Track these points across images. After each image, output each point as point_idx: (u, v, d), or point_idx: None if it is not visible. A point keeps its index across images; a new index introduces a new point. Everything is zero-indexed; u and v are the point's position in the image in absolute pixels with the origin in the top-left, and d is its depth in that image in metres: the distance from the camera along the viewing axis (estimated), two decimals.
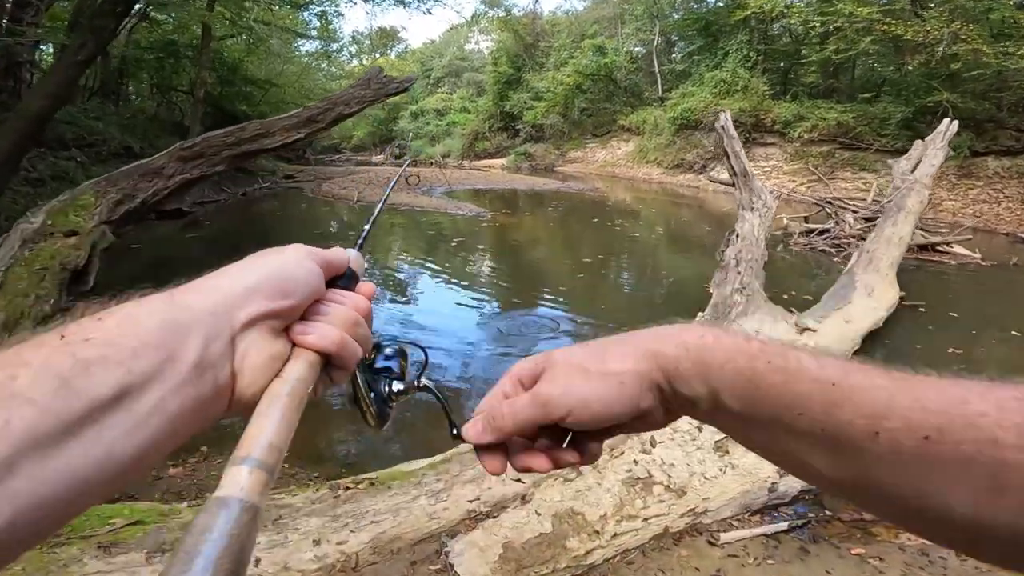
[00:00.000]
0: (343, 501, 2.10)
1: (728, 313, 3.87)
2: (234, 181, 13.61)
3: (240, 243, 5.14)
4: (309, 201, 14.04)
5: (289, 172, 17.88)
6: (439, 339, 4.90)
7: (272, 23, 17.26)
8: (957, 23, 12.41)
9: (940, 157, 6.26)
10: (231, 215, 12.05)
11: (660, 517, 2.21)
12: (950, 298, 5.82)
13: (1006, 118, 12.68)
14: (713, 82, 19.28)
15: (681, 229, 11.57)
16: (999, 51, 11.68)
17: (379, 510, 2.04)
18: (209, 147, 5.06)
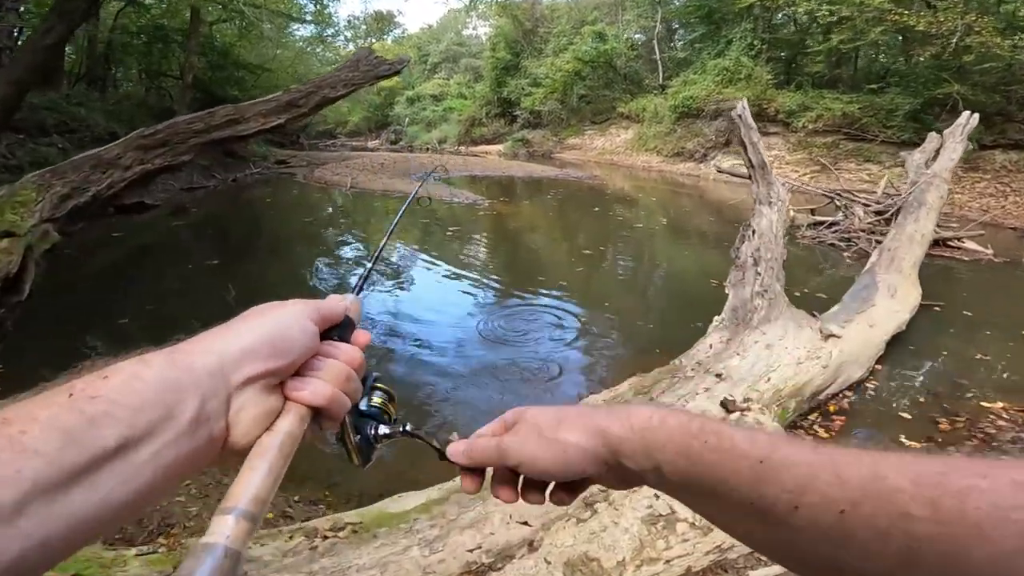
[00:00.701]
0: (321, 554, 1.82)
1: (749, 319, 3.65)
2: (224, 167, 13.34)
3: (228, 230, 4.88)
4: (301, 187, 13.76)
5: (282, 157, 17.52)
6: (434, 332, 4.72)
7: (264, 7, 16.75)
8: (972, 15, 12.26)
9: (959, 151, 6.03)
10: (220, 202, 11.76)
11: (684, 557, 1.98)
12: (965, 296, 5.64)
13: (1015, 111, 12.58)
14: (716, 70, 18.96)
15: (682, 219, 11.35)
16: (1011, 44, 11.57)
17: (364, 565, 1.77)
18: (174, 134, 4.60)
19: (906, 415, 3.43)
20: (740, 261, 4.29)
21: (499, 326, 4.88)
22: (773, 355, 3.22)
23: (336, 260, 7.64)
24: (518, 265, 7.53)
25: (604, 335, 4.87)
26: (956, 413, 3.38)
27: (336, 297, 0.50)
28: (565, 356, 4.35)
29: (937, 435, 3.17)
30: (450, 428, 3.21)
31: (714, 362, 3.19)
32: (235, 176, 13.74)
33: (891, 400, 3.61)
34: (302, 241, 8.51)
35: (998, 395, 3.57)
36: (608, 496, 2.13)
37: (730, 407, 2.74)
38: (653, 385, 3.07)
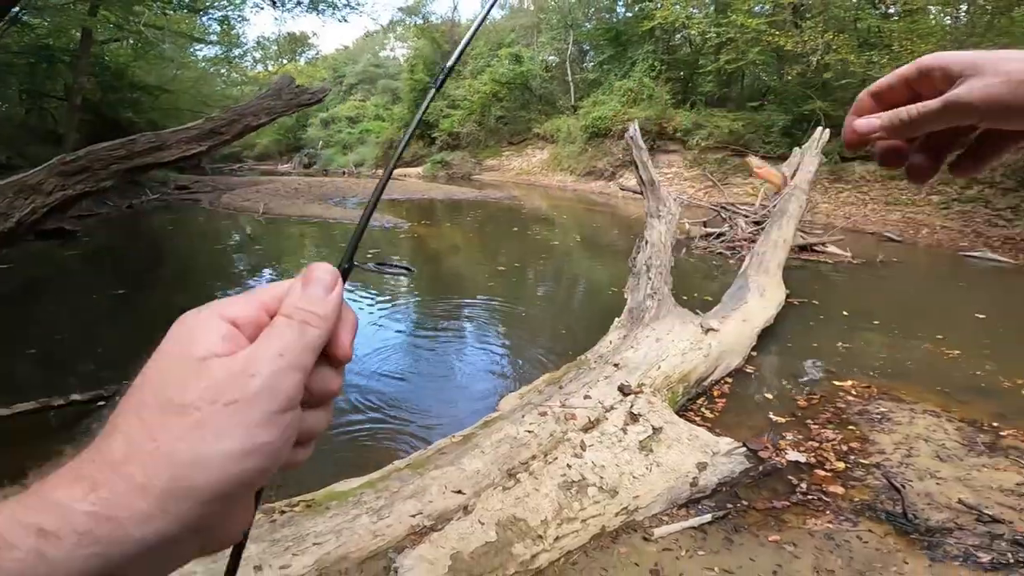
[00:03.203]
0: (281, 525, 2.03)
1: (642, 318, 4.12)
2: (118, 193, 12.52)
3: (130, 259, 4.87)
4: (207, 214, 13.16)
5: (183, 183, 16.68)
6: (357, 351, 4.83)
7: (165, 27, 16.05)
8: (830, 33, 13.39)
9: (815, 164, 6.99)
10: (116, 230, 11.05)
11: (597, 517, 2.33)
12: (829, 294, 6.51)
13: None
14: (621, 91, 19.99)
15: (595, 235, 12.03)
16: (865, 60, 12.71)
17: (320, 532, 2.00)
18: (95, 160, 4.57)
19: (775, 395, 3.97)
20: (636, 269, 4.79)
21: (423, 340, 5.13)
22: (662, 347, 3.67)
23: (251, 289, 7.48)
24: (440, 283, 7.75)
25: (522, 341, 5.22)
26: (814, 392, 3.93)
27: (322, 267, 0.36)
28: (487, 361, 4.68)
29: (798, 411, 3.67)
30: (391, 432, 3.40)
31: (613, 355, 3.60)
32: (131, 203, 12.96)
33: (764, 383, 4.15)
34: (212, 270, 8.24)
35: (849, 375, 4.17)
36: (528, 468, 2.46)
37: (626, 391, 3.14)
38: (563, 376, 3.43)
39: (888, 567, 2.16)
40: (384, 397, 3.90)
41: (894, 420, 3.45)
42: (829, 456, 3.08)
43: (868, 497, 2.67)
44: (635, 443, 2.78)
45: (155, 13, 15.55)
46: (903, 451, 3.08)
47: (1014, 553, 2.23)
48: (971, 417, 3.49)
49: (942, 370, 4.36)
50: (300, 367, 0.31)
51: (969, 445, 3.13)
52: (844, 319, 5.59)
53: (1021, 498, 2.61)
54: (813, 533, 2.38)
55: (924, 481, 2.78)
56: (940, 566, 2.17)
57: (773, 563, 2.18)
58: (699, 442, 2.91)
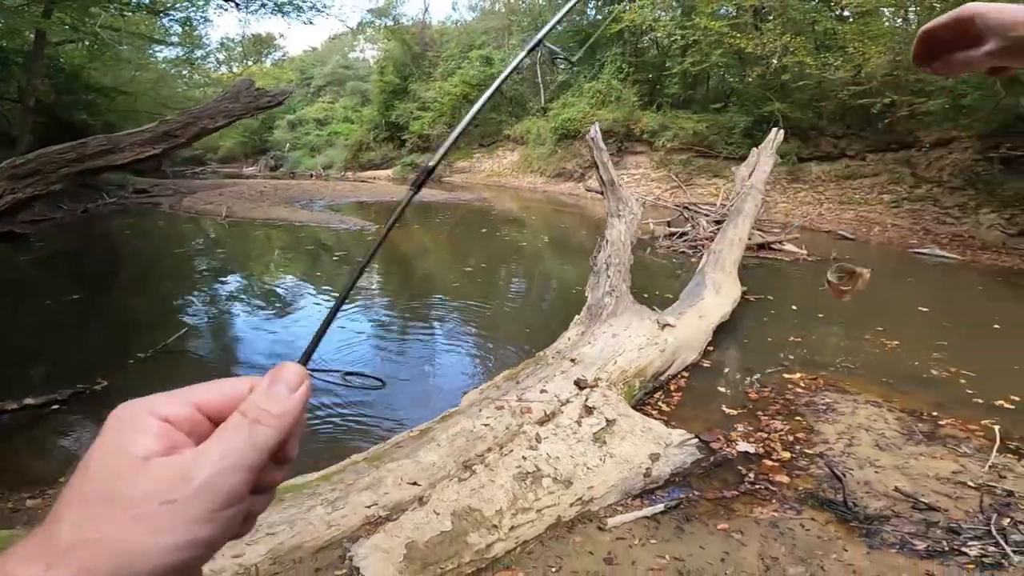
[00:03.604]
0: None
1: (600, 314, 4.20)
2: (73, 197, 12.12)
3: (87, 264, 4.75)
4: (168, 218, 12.83)
5: (142, 186, 16.23)
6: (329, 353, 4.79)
7: (122, 29, 15.60)
8: (788, 36, 13.67)
9: (770, 164, 7.21)
10: (71, 234, 10.70)
11: (552, 507, 2.38)
12: (784, 291, 6.72)
13: (826, 126, 14.25)
14: (590, 93, 20.13)
15: (563, 236, 12.15)
16: (821, 62, 13.00)
17: (273, 522, 2.01)
18: (46, 163, 4.50)
19: (729, 389, 4.09)
20: (596, 268, 4.87)
21: (391, 340, 5.17)
22: (618, 343, 3.75)
23: (213, 293, 7.35)
24: (408, 285, 7.74)
25: (489, 340, 5.27)
26: (765, 385, 4.05)
27: (290, 367, 0.37)
28: (454, 361, 4.74)
29: (749, 403, 3.78)
30: (356, 431, 3.41)
31: (570, 351, 3.66)
32: (86, 206, 12.57)
33: (718, 377, 4.26)
34: (172, 274, 8.06)
35: (798, 368, 4.32)
36: (484, 460, 2.50)
37: (582, 385, 3.21)
38: (520, 371, 3.48)
39: (828, 554, 2.24)
40: (350, 396, 3.90)
41: (838, 411, 3.58)
42: (776, 446, 3.18)
43: (811, 486, 2.77)
44: (589, 435, 2.84)
45: (112, 15, 15.11)
46: (845, 440, 3.20)
47: (948, 541, 2.31)
48: (911, 407, 3.64)
49: (885, 362, 4.55)
50: (244, 467, 0.32)
51: (908, 434, 3.26)
52: (797, 314, 5.79)
53: (956, 486, 2.72)
54: (759, 521, 2.47)
55: (864, 470, 2.89)
56: (878, 553, 2.25)
57: (721, 551, 2.26)
58: (652, 434, 2.98)
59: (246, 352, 4.83)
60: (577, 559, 2.19)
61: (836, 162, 13.87)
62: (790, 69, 13.88)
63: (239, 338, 5.26)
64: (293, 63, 42.32)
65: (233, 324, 5.70)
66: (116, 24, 15.35)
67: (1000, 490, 2.67)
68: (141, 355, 4.39)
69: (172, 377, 4.39)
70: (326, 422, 3.59)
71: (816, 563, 2.18)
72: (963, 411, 3.60)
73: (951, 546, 2.27)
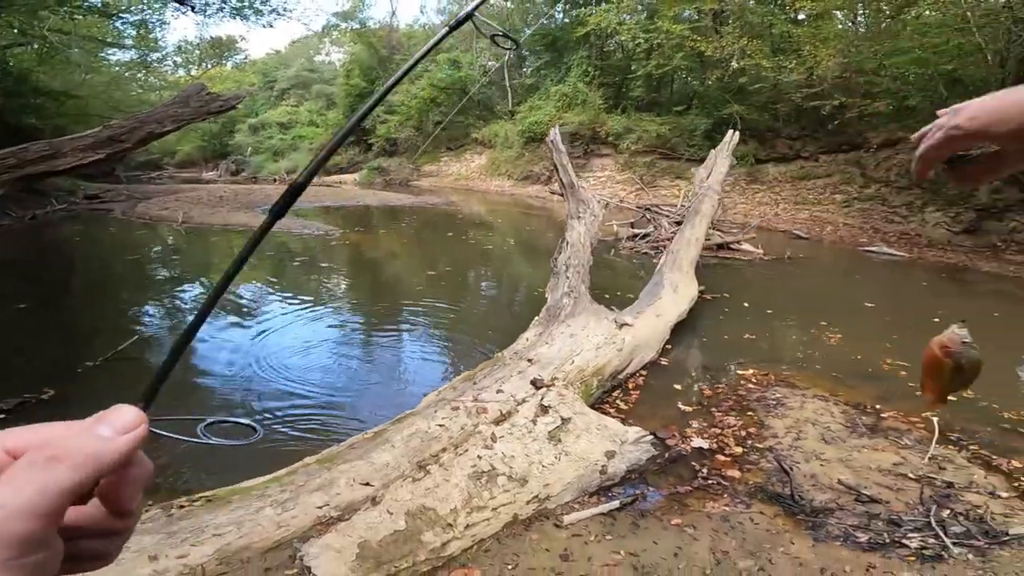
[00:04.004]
0: (178, 519, 2.02)
1: (559, 315, 4.24)
2: (19, 203, 11.63)
3: (34, 272, 4.59)
4: (121, 224, 12.37)
5: (93, 192, 15.63)
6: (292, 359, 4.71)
7: (72, 32, 15.07)
8: (745, 39, 13.96)
9: (726, 165, 7.40)
10: (17, 242, 10.23)
11: (508, 506, 2.39)
12: (741, 289, 6.88)
13: (782, 127, 14.69)
14: (557, 96, 20.28)
15: (530, 239, 12.21)
16: (776, 65, 13.32)
17: (221, 523, 1.99)
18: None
19: (685, 386, 4.16)
20: (556, 269, 4.92)
21: (354, 345, 5.13)
22: (576, 342, 3.79)
23: (168, 301, 7.13)
24: (373, 289, 7.66)
25: (453, 344, 5.27)
26: (719, 381, 4.15)
27: (125, 409, 0.35)
28: (418, 364, 4.73)
29: (704, 400, 3.86)
30: (319, 439, 3.34)
31: (528, 351, 3.68)
32: (34, 213, 12.07)
33: (675, 375, 4.33)
34: (125, 282, 7.77)
35: (751, 364, 4.42)
36: (439, 460, 2.49)
37: (538, 384, 3.23)
38: (477, 373, 3.48)
39: (776, 547, 2.29)
40: (313, 403, 3.86)
41: (787, 405, 3.69)
42: (729, 441, 3.25)
43: (761, 480, 2.84)
44: (544, 434, 2.86)
45: (62, 18, 14.58)
46: (793, 435, 3.29)
47: (890, 533, 2.38)
48: (856, 400, 3.77)
49: (832, 357, 4.70)
50: (34, 513, 0.29)
51: (852, 427, 3.37)
52: (752, 312, 5.94)
53: (897, 478, 2.81)
54: (711, 516, 2.52)
55: (810, 463, 2.97)
56: (823, 546, 2.31)
57: (674, 545, 2.31)
58: (608, 431, 3.01)
59: (202, 360, 4.70)
60: (534, 556, 2.21)
61: (791, 163, 14.30)
62: (748, 72, 14.19)
63: (194, 346, 5.11)
64: (255, 66, 41.36)
65: None
66: (66, 27, 14.84)
67: (940, 482, 2.76)
68: (90, 364, 4.26)
69: (122, 385, 4.27)
70: (279, 427, 3.52)
71: (765, 556, 2.24)
72: (905, 404, 3.73)
73: (892, 538, 2.34)
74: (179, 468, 3.09)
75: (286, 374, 4.33)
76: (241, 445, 1.80)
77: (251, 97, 34.52)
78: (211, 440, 0.47)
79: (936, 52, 10.24)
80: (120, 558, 1.33)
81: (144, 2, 17.86)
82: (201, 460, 3.12)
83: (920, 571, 2.15)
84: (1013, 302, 6.83)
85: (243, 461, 3.08)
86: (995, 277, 8.05)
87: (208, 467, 3.04)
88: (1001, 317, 6.20)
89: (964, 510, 2.53)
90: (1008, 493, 2.70)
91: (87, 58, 18.79)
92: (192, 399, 3.87)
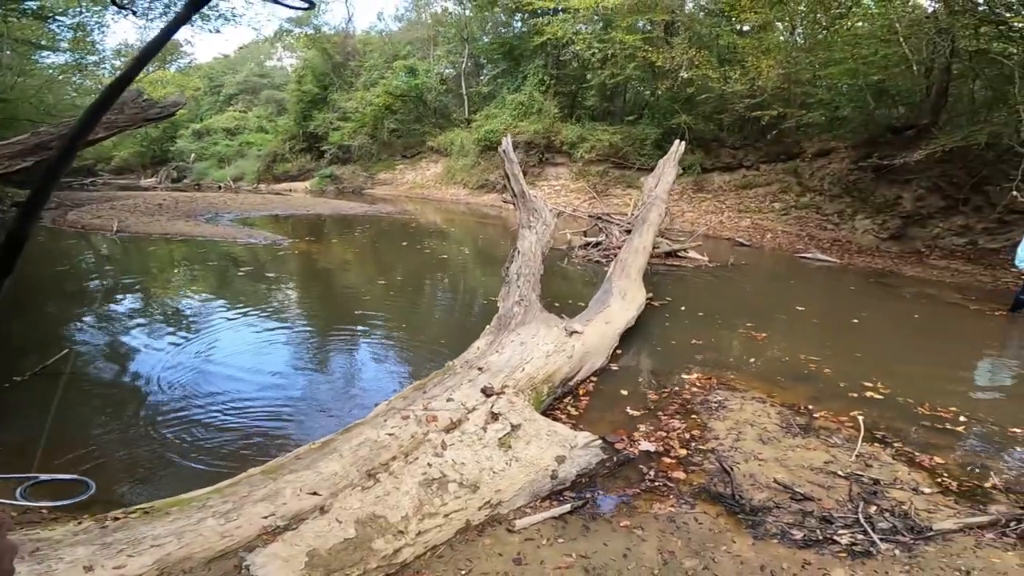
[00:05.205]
0: (113, 530, 1.94)
1: (509, 324, 4.28)
2: None
3: None
4: (50, 232, 11.62)
5: (21, 199, 14.67)
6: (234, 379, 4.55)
7: (5, 34, 14.19)
8: (693, 50, 14.40)
9: (672, 175, 7.67)
10: None
11: (460, 512, 2.41)
12: (687, 296, 7.10)
13: (726, 137, 15.19)
14: (513, 104, 20.34)
15: (485, 248, 12.22)
16: (722, 75, 13.73)
17: (159, 535, 1.93)
18: None
19: (633, 391, 4.24)
20: (508, 278, 4.97)
21: (308, 357, 5.07)
22: (526, 350, 3.84)
23: (101, 313, 6.76)
24: (325, 300, 7.50)
25: (405, 352, 5.24)
26: (664, 386, 4.27)
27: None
28: (369, 374, 4.69)
29: (651, 404, 3.97)
30: (267, 449, 3.23)
31: (478, 360, 3.71)
32: None
33: (623, 380, 4.42)
34: (55, 293, 7.33)
35: (695, 369, 4.59)
36: (389, 468, 2.50)
37: (488, 392, 3.25)
38: (427, 382, 3.47)
39: (719, 546, 2.39)
40: (258, 415, 3.77)
41: (728, 407, 3.84)
42: (674, 444, 3.36)
43: (704, 480, 2.95)
44: (495, 441, 2.89)
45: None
46: (734, 436, 3.43)
47: (822, 530, 2.49)
48: (790, 401, 3.96)
49: (769, 359, 4.94)
50: None
51: (787, 428, 3.54)
52: (697, 318, 6.16)
53: (828, 476, 2.96)
54: (658, 517, 2.61)
55: (749, 463, 3.10)
56: (761, 544, 2.41)
57: (624, 547, 2.37)
58: (558, 437, 3.07)
59: (137, 372, 4.49)
60: (487, 561, 2.23)
61: (735, 172, 14.90)
62: (696, 82, 14.60)
63: (129, 357, 4.88)
64: (201, 70, 39.85)
65: (123, 344, 5.28)
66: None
67: (867, 479, 2.92)
68: (18, 379, 4.06)
69: (52, 400, 4.03)
70: (220, 442, 3.41)
71: (708, 555, 2.32)
72: (835, 403, 3.96)
73: (824, 535, 2.45)
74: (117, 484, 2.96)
75: (228, 387, 4.19)
76: (68, 505, 1.74)
77: (195, 102, 33.26)
78: (29, 503, 0.45)
79: (865, 63, 10.79)
80: (53, 569, 1.29)
81: (82, 5, 16.98)
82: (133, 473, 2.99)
83: (851, 567, 2.25)
84: (933, 304, 7.33)
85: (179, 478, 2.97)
86: (918, 281, 8.62)
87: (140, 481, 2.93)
88: (921, 319, 6.66)
89: (890, 506, 2.68)
90: (931, 489, 2.88)
91: (18, 60, 17.73)
92: (134, 421, 3.70)
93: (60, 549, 1.82)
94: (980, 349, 5.69)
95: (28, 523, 2.23)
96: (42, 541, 1.88)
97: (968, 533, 2.49)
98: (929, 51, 10.32)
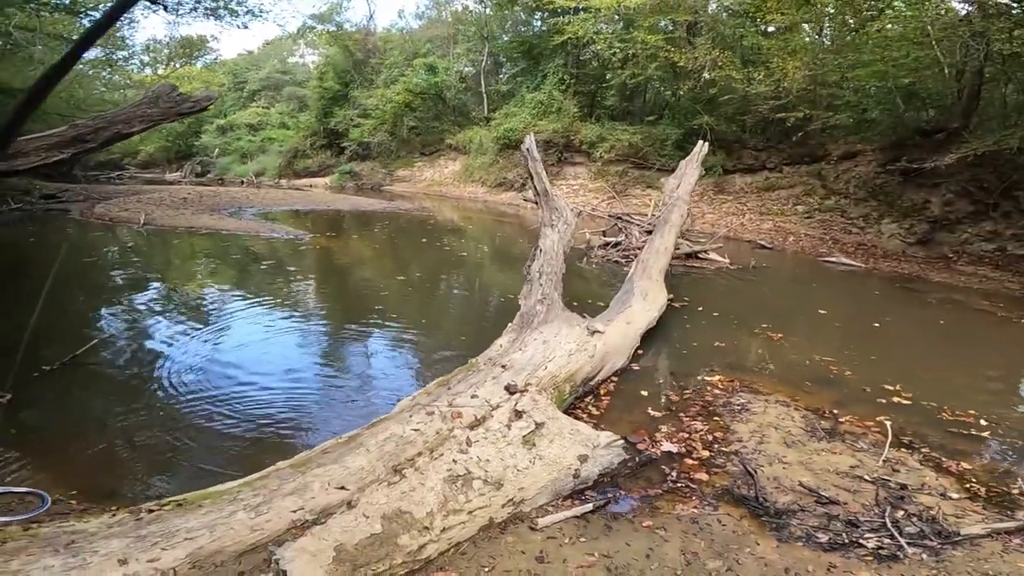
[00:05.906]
0: (147, 523, 1.99)
1: (531, 322, 4.29)
2: None
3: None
4: (79, 225, 11.98)
5: (50, 191, 15.11)
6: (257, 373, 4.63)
7: (38, 29, 14.54)
8: (717, 50, 14.28)
9: (695, 176, 7.61)
10: None
11: (484, 509, 2.42)
12: (708, 297, 7.05)
13: (748, 139, 15.03)
14: (532, 103, 20.35)
15: (503, 246, 12.24)
16: (746, 76, 13.60)
17: (192, 527, 1.97)
18: None
19: (655, 391, 4.23)
20: (530, 276, 4.98)
21: (329, 352, 5.12)
22: (549, 349, 3.85)
23: (128, 304, 6.91)
24: (345, 296, 7.58)
25: (426, 349, 5.26)
26: (686, 387, 4.25)
27: None
28: (390, 370, 4.71)
29: (673, 405, 3.96)
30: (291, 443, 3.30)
31: (501, 357, 3.73)
32: None
33: (644, 381, 4.42)
34: (84, 285, 7.51)
35: (717, 371, 4.56)
36: (414, 464, 2.52)
37: (512, 390, 3.27)
38: (451, 378, 3.50)
39: (743, 548, 2.38)
40: (284, 409, 3.82)
41: (751, 410, 3.82)
42: (697, 445, 3.35)
43: (727, 482, 2.93)
44: (519, 438, 2.90)
45: (28, 15, 14.07)
46: (757, 438, 3.41)
47: (848, 533, 2.48)
48: (814, 405, 3.92)
49: (792, 363, 4.88)
50: None
51: (811, 431, 3.51)
52: (718, 320, 6.11)
53: (854, 480, 2.93)
54: (681, 518, 2.60)
55: (773, 466, 3.08)
56: (786, 546, 2.40)
57: (646, 547, 2.37)
58: (580, 436, 3.07)
59: (162, 364, 4.59)
60: (509, 559, 2.24)
61: (757, 174, 14.72)
62: (718, 83, 14.48)
63: (155, 350, 4.98)
64: (225, 66, 40.46)
65: (149, 335, 5.40)
66: (31, 25, 14.31)
67: (894, 483, 2.90)
68: (47, 368, 4.16)
69: (81, 390, 4.13)
70: (248, 434, 3.47)
71: (732, 557, 2.31)
72: (860, 408, 3.91)
73: (850, 538, 2.44)
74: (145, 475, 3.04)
75: (254, 380, 4.27)
76: (20, 521, 1.76)
77: (220, 98, 33.81)
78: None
79: (895, 65, 10.60)
80: (88, 562, 1.33)
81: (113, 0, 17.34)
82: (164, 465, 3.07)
83: (877, 571, 2.24)
84: (959, 310, 7.18)
85: (211, 467, 3.04)
86: (945, 287, 8.44)
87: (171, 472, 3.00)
88: (947, 324, 6.53)
89: (917, 511, 2.65)
90: (958, 494, 2.84)
91: (50, 55, 18.16)
92: (160, 412, 3.79)
93: (95, 542, 1.87)
94: (1007, 356, 5.56)
95: (60, 514, 2.30)
96: (77, 533, 1.92)
97: (995, 538, 2.46)
98: (962, 54, 10.09)
